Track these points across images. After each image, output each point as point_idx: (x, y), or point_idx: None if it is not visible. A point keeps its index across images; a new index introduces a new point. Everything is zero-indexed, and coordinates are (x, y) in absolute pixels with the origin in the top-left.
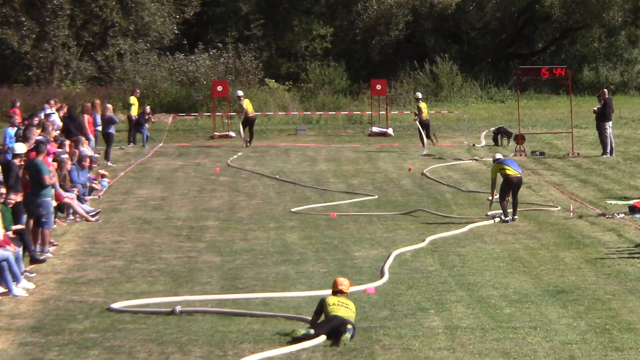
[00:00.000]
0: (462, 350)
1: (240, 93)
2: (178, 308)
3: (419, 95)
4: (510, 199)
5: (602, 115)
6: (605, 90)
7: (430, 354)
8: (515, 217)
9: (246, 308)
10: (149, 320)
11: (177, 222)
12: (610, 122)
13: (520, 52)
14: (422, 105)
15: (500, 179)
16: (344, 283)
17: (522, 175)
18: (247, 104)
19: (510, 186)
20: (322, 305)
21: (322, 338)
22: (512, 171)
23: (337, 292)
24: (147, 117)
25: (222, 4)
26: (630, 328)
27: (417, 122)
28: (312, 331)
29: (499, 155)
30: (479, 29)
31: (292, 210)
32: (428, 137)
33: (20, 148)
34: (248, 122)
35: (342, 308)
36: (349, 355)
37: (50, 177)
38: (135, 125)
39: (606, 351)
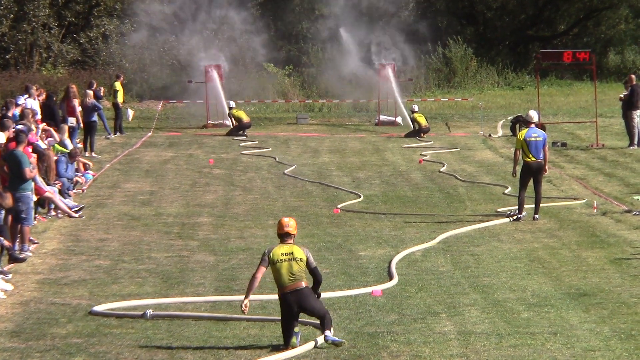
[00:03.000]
0: (476, 358)
1: (232, 104)
2: (149, 312)
3: (416, 107)
4: (526, 191)
5: (629, 104)
6: (633, 76)
7: None
8: (537, 216)
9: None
10: (137, 325)
11: (168, 218)
12: (638, 111)
13: (540, 35)
14: (417, 116)
15: (522, 160)
16: (290, 224)
17: (542, 160)
18: (240, 113)
19: (529, 174)
20: (264, 257)
21: (311, 345)
22: (528, 156)
23: (283, 235)
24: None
25: None
26: None
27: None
28: (297, 329)
29: (532, 114)
30: (495, 9)
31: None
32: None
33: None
34: (242, 128)
35: (286, 264)
36: None
37: (31, 169)
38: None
39: (632, 358)
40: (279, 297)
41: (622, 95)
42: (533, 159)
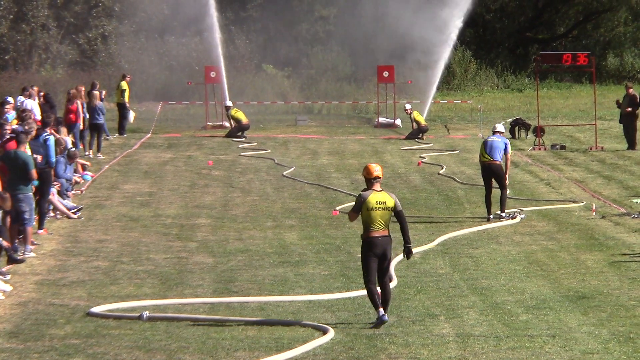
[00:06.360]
0: None
1: (229, 104)
2: (146, 314)
3: (408, 106)
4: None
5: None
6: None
7: None
8: (503, 214)
9: (241, 313)
10: (136, 326)
11: (166, 219)
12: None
13: (540, 37)
14: (416, 115)
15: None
16: (377, 169)
17: (500, 162)
18: (240, 114)
19: (485, 173)
20: (360, 204)
21: (330, 335)
22: (484, 156)
23: (373, 180)
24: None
25: None
26: None
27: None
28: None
29: (497, 126)
30: (495, 11)
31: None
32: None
33: None
34: (241, 130)
35: (379, 212)
36: None
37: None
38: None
39: None
40: (364, 240)
41: (619, 99)
42: (488, 158)
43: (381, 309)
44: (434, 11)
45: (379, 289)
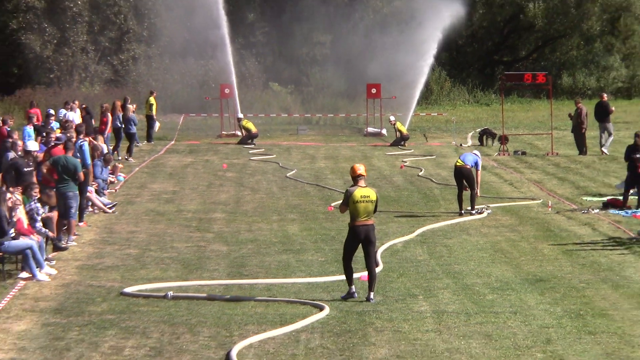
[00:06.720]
0: (448, 333)
1: (240, 116)
2: (170, 294)
3: (392, 118)
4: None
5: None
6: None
7: (418, 336)
8: (473, 211)
9: (250, 293)
10: (162, 304)
11: (188, 214)
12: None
13: (505, 59)
14: (399, 125)
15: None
16: (361, 168)
17: (471, 167)
18: (250, 125)
19: (456, 176)
20: (348, 198)
21: (326, 311)
22: (458, 161)
23: (357, 177)
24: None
25: (229, 12)
26: (602, 314)
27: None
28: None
29: (475, 151)
30: (466, 37)
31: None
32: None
33: (33, 146)
34: (251, 138)
35: (363, 204)
36: (344, 336)
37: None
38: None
39: (580, 334)
40: (350, 228)
41: (571, 113)
42: (461, 163)
43: (353, 287)
44: (414, 37)
45: (365, 273)
